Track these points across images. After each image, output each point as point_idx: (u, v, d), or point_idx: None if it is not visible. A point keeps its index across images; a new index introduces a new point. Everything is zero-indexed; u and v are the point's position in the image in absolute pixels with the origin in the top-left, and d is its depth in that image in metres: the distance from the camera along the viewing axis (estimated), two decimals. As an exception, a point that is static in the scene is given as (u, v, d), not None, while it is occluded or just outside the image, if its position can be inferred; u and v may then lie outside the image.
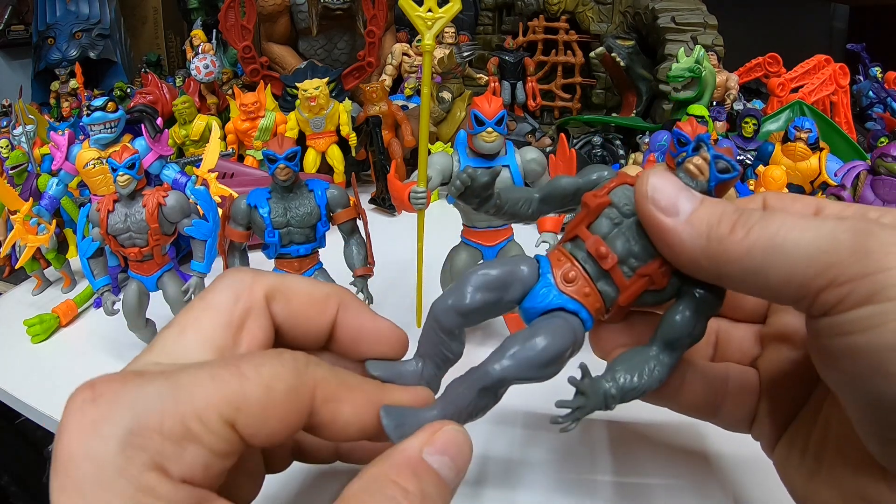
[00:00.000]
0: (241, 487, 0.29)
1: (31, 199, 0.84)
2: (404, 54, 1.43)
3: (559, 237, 0.41)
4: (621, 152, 1.09)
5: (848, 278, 0.23)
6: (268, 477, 0.33)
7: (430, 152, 0.60)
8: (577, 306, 0.31)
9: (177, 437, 0.21)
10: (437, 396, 0.31)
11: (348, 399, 0.27)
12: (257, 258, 0.65)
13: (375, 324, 0.32)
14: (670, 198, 0.28)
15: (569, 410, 0.29)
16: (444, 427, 0.27)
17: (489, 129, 0.59)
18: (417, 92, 1.38)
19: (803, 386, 0.33)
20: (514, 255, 0.33)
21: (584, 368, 0.30)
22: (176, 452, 0.21)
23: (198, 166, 0.86)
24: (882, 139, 1.04)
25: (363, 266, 0.64)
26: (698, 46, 1.09)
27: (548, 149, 1.04)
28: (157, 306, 0.67)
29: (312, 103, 1.08)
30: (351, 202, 0.64)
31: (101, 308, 0.68)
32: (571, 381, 0.30)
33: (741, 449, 0.46)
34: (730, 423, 0.36)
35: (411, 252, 0.63)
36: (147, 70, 1.66)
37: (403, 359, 0.34)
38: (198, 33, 1.40)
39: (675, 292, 0.31)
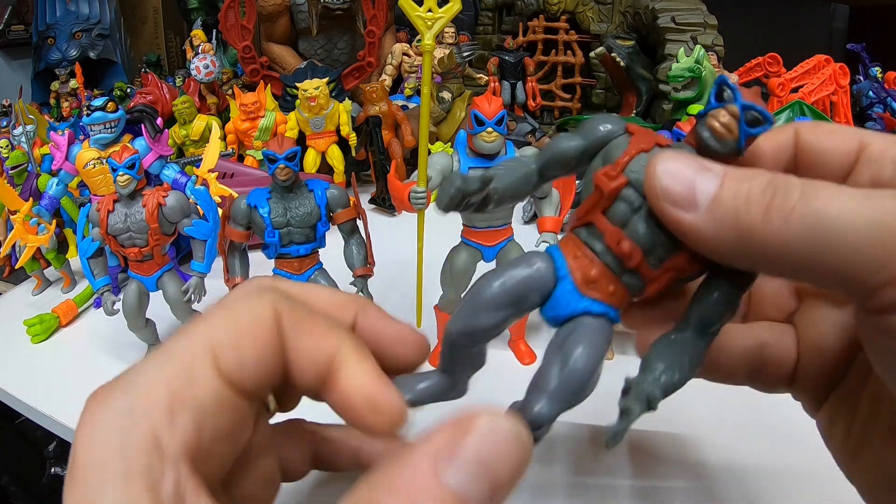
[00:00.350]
0: (256, 494, 0.28)
1: (31, 199, 0.84)
2: (404, 54, 1.43)
3: (559, 237, 0.39)
4: (621, 152, 1.09)
5: None
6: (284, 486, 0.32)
7: (430, 152, 0.60)
8: (603, 308, 0.28)
9: (164, 404, 0.21)
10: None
11: (310, 330, 0.25)
12: (257, 258, 0.65)
13: (395, 327, 0.30)
14: (685, 187, 0.24)
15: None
16: (476, 422, 0.19)
17: (489, 129, 0.59)
18: (417, 92, 1.38)
19: (846, 349, 0.30)
20: (528, 253, 0.29)
21: (628, 383, 0.26)
22: (168, 420, 0.21)
23: (198, 166, 0.86)
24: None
25: (363, 266, 0.64)
26: (698, 46, 1.09)
27: (548, 149, 1.04)
28: (157, 306, 0.67)
29: (312, 103, 1.08)
30: (351, 202, 0.64)
31: (101, 308, 0.68)
32: (620, 404, 0.26)
33: (759, 459, 0.46)
34: (767, 386, 0.33)
35: (411, 252, 0.63)
36: (147, 70, 1.66)
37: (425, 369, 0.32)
38: (198, 33, 1.40)
39: (708, 269, 0.28)
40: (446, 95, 1.25)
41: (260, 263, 0.66)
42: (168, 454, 0.20)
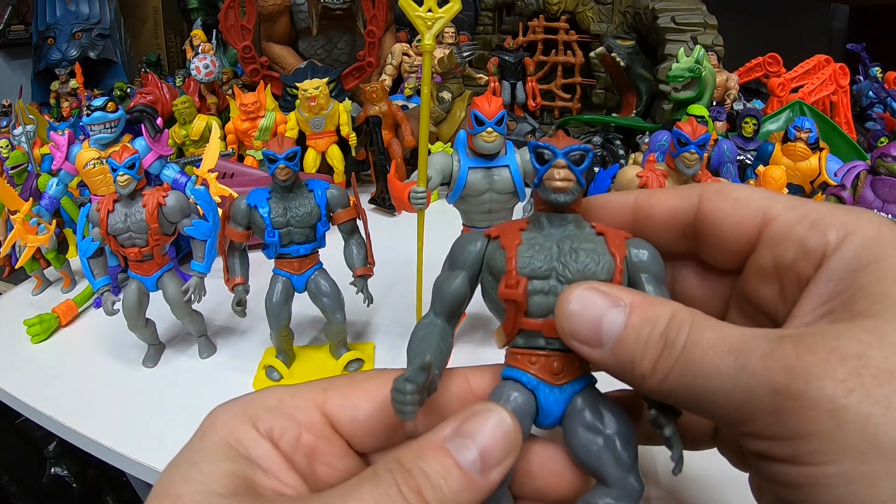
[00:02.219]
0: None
1: (31, 199, 0.84)
2: (404, 54, 1.43)
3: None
4: (621, 152, 1.09)
5: (767, 436, 0.22)
6: None
7: (430, 152, 0.60)
8: (582, 383, 0.29)
9: (271, 408, 0.27)
10: None
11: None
12: (257, 258, 0.65)
13: (376, 406, 0.29)
14: (591, 329, 0.26)
15: None
16: (474, 408, 0.25)
17: (489, 129, 0.59)
18: (417, 92, 1.38)
19: None
20: (501, 394, 0.28)
21: (652, 416, 0.28)
22: (266, 415, 0.27)
23: (198, 166, 0.86)
24: (882, 139, 1.05)
25: (363, 266, 0.64)
26: (698, 46, 1.09)
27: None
28: (158, 306, 0.67)
29: (312, 103, 1.08)
30: (351, 202, 0.64)
31: (101, 308, 0.68)
32: (665, 433, 0.28)
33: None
34: (689, 445, 0.32)
35: (411, 252, 0.63)
36: (147, 70, 1.66)
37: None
38: (198, 33, 1.40)
39: None
40: (446, 95, 1.25)
41: (260, 263, 0.66)
42: (260, 430, 0.27)
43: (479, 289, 0.32)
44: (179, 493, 0.23)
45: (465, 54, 1.36)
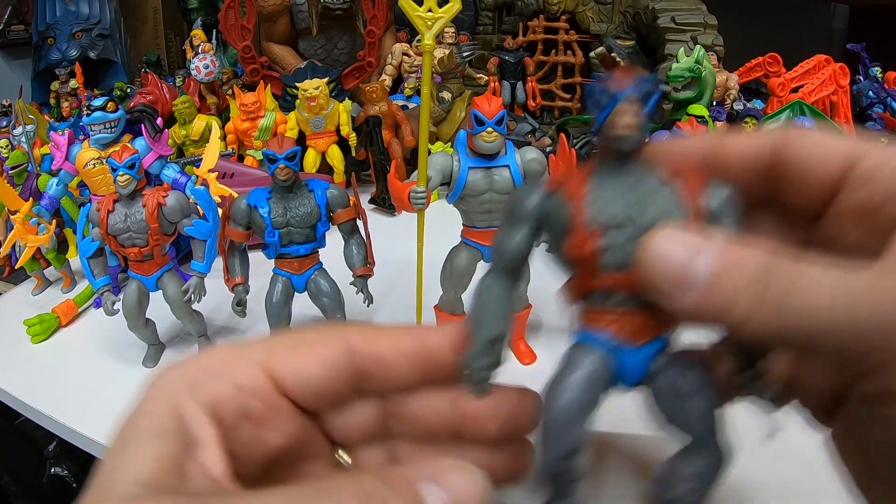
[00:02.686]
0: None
1: (31, 199, 0.84)
2: (404, 54, 1.43)
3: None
4: (621, 152, 1.09)
5: (888, 373, 0.20)
6: None
7: (430, 152, 0.60)
8: (661, 342, 0.27)
9: (215, 373, 0.25)
10: None
11: (384, 337, 0.27)
12: (257, 258, 0.65)
13: (395, 346, 0.28)
14: (678, 274, 0.24)
15: None
16: (455, 465, 0.23)
17: (489, 129, 0.58)
18: (417, 92, 1.38)
19: None
20: (574, 360, 0.27)
21: (743, 379, 0.27)
22: (211, 383, 0.25)
23: (198, 166, 0.86)
24: (882, 139, 1.04)
25: (363, 266, 0.64)
26: (698, 46, 1.09)
27: (548, 149, 1.04)
28: (158, 306, 0.67)
29: (312, 103, 1.08)
30: (351, 202, 0.64)
31: (101, 308, 0.68)
32: (766, 397, 0.27)
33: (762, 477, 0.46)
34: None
35: (411, 252, 0.63)
36: (147, 70, 1.66)
37: None
38: (198, 33, 1.40)
39: None
40: (446, 95, 1.25)
41: (260, 263, 0.66)
42: (199, 399, 0.24)
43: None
44: (106, 488, 0.22)
45: (465, 54, 1.36)
